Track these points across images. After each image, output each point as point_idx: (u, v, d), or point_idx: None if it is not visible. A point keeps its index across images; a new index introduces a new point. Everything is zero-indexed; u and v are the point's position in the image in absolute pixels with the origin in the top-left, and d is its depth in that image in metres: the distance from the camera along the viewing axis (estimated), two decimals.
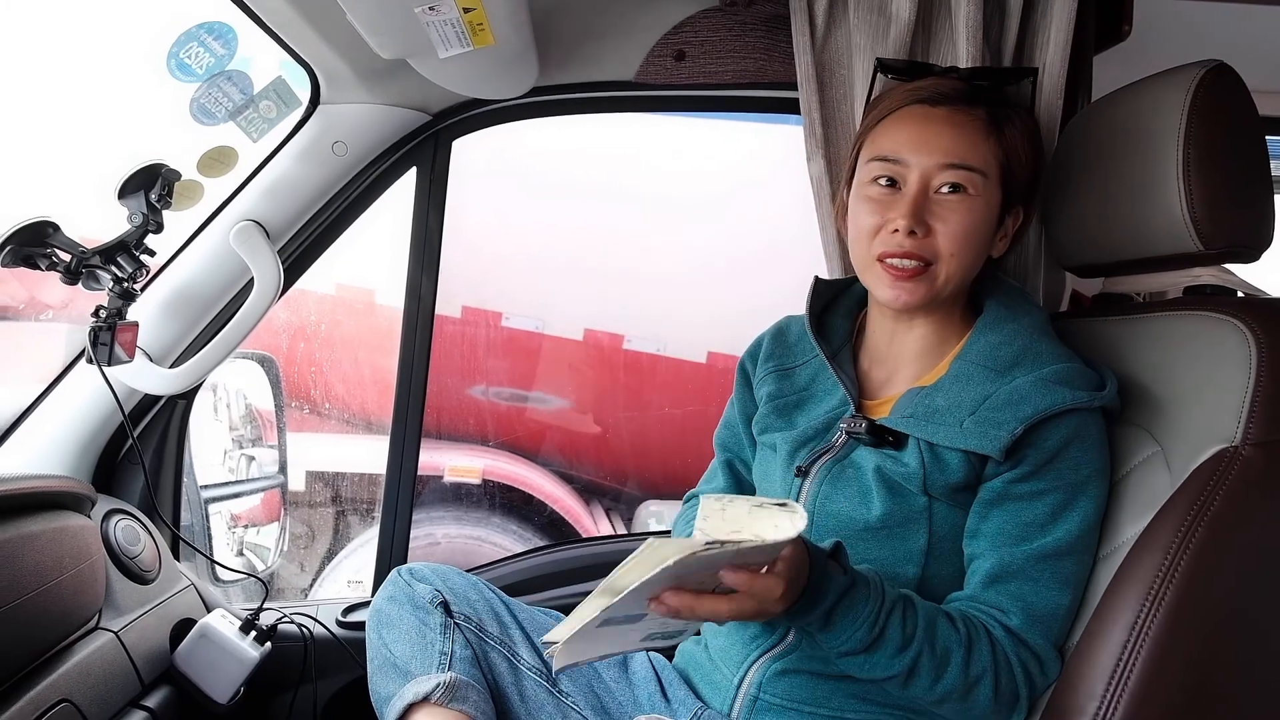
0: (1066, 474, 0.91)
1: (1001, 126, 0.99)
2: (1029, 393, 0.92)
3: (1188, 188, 0.92)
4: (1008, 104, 1.02)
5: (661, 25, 1.38)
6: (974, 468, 0.94)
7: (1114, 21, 1.33)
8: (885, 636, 0.87)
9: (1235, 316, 0.86)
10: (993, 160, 0.98)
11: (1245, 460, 0.79)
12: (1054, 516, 0.91)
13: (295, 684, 1.45)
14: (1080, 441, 0.91)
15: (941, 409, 0.95)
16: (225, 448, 2.03)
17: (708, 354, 2.92)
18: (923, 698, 0.90)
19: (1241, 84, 0.95)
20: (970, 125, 0.97)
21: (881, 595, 0.87)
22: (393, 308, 2.69)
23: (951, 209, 0.96)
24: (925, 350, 1.05)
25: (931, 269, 0.97)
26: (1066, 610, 0.91)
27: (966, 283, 1.01)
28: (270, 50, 1.27)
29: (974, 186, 0.96)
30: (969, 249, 0.97)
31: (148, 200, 1.25)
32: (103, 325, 1.25)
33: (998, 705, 0.89)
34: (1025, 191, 1.03)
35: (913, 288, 0.97)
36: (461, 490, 2.88)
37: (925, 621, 0.88)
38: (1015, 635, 0.90)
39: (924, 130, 0.97)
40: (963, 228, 0.95)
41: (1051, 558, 0.90)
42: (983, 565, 0.93)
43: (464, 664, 1.03)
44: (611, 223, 2.92)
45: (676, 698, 1.09)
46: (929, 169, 0.96)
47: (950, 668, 0.87)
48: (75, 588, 1.10)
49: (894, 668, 0.87)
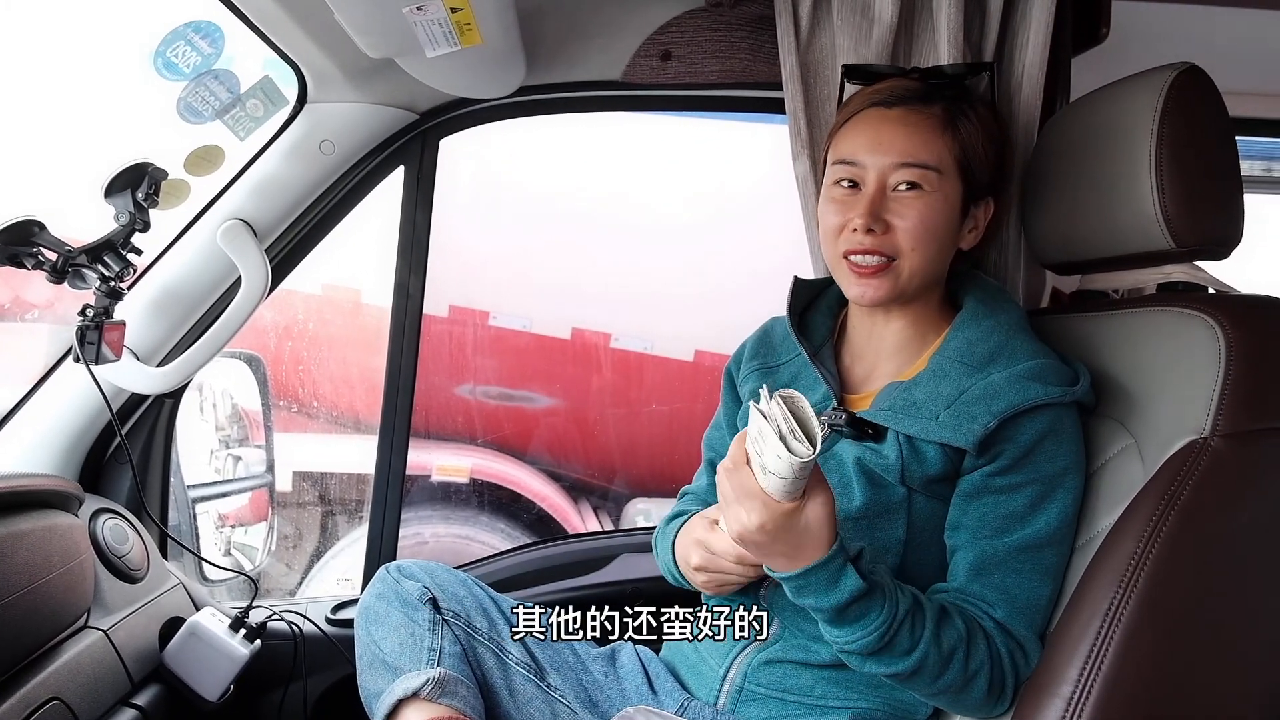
0: (1043, 467, 0.93)
1: (957, 122, 1.01)
2: (1003, 388, 0.94)
3: (1160, 187, 0.94)
4: (966, 100, 1.05)
5: (648, 25, 1.39)
6: (951, 461, 0.96)
7: (1092, 24, 1.35)
8: (895, 643, 0.87)
9: (1205, 312, 0.88)
10: (948, 155, 1.00)
11: (1214, 451, 0.81)
12: (1032, 509, 0.93)
13: (285, 681, 1.45)
14: (1055, 435, 0.93)
15: (919, 402, 0.97)
16: (212, 447, 2.03)
17: (695, 352, 2.93)
18: (920, 691, 0.92)
19: (1212, 85, 0.97)
20: (924, 124, 1.00)
21: (896, 603, 0.87)
22: (379, 307, 2.69)
23: (909, 205, 0.99)
24: (903, 345, 1.07)
25: (894, 265, 1.00)
26: (1048, 600, 0.93)
27: (934, 276, 1.04)
28: (257, 49, 1.27)
29: (929, 183, 0.99)
30: (929, 243, 0.99)
31: (134, 199, 1.25)
32: (89, 324, 1.24)
33: (989, 696, 0.91)
34: (991, 183, 1.05)
35: (877, 284, 1.00)
36: (449, 489, 2.88)
37: (933, 625, 0.88)
38: (1002, 627, 0.92)
39: (879, 132, 1.01)
40: (920, 223, 0.98)
41: (1031, 549, 0.92)
42: (965, 557, 0.95)
43: (453, 660, 1.04)
44: (599, 222, 2.92)
45: (663, 690, 1.11)
46: (884, 169, 0.99)
47: (953, 666, 0.88)
48: (64, 587, 1.10)
49: (897, 667, 0.88)
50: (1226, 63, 1.08)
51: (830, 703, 1.00)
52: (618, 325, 2.96)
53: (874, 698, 1.00)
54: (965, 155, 1.01)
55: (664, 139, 2.79)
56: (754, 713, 1.03)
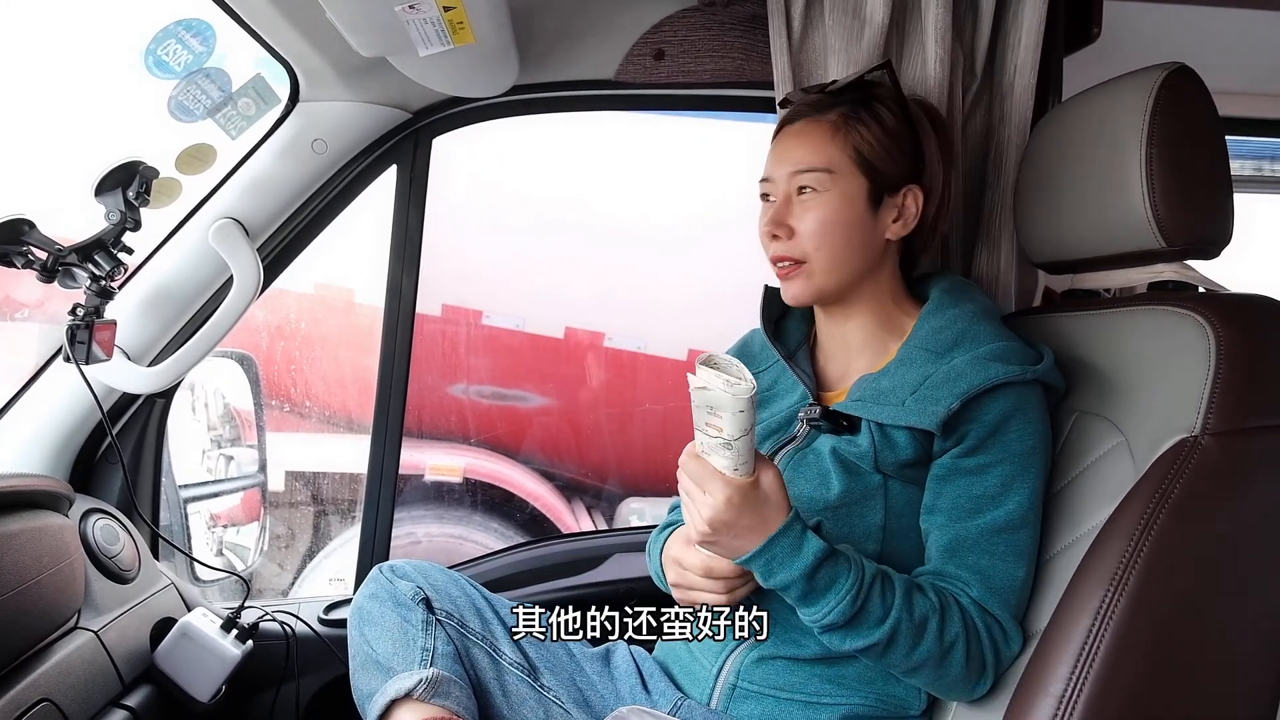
0: (1012, 445, 0.95)
1: (852, 124, 1.06)
2: (965, 369, 0.97)
3: (1151, 186, 0.95)
4: (869, 102, 1.08)
5: (641, 24, 1.39)
6: (921, 445, 0.98)
7: (1083, 24, 1.36)
8: (867, 609, 0.90)
9: (1196, 311, 0.89)
10: (840, 156, 1.05)
11: (1204, 450, 0.82)
12: (1004, 489, 0.95)
13: (277, 682, 1.45)
14: (1020, 414, 0.96)
15: (887, 390, 1.01)
16: (204, 447, 2.02)
17: (688, 351, 2.94)
18: (899, 665, 0.93)
19: (1203, 85, 0.97)
20: (816, 131, 1.07)
21: (862, 568, 0.91)
22: (373, 306, 2.68)
23: (806, 208, 1.05)
24: (868, 340, 1.10)
25: (805, 265, 1.06)
26: (1022, 582, 0.94)
27: (857, 269, 1.07)
28: (249, 47, 1.26)
29: (823, 184, 1.04)
30: (833, 240, 1.04)
31: (125, 198, 1.25)
32: (80, 323, 1.24)
33: (969, 672, 0.92)
34: (907, 173, 1.08)
35: (797, 284, 1.07)
36: (443, 489, 2.88)
37: (903, 591, 0.92)
38: (978, 604, 0.94)
39: (780, 148, 1.09)
40: (818, 223, 1.04)
41: (1005, 531, 0.94)
42: (939, 539, 0.97)
43: (446, 660, 1.04)
44: (592, 221, 2.92)
45: (657, 689, 1.11)
46: (783, 179, 1.07)
47: (927, 635, 0.91)
48: (54, 587, 1.09)
49: (873, 637, 0.90)
50: (1217, 63, 1.08)
51: (823, 699, 1.01)
52: (611, 325, 2.96)
53: (866, 693, 1.01)
54: (861, 152, 1.05)
55: (658, 138, 2.80)
56: (747, 710, 1.03)
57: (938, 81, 1.27)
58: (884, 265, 1.09)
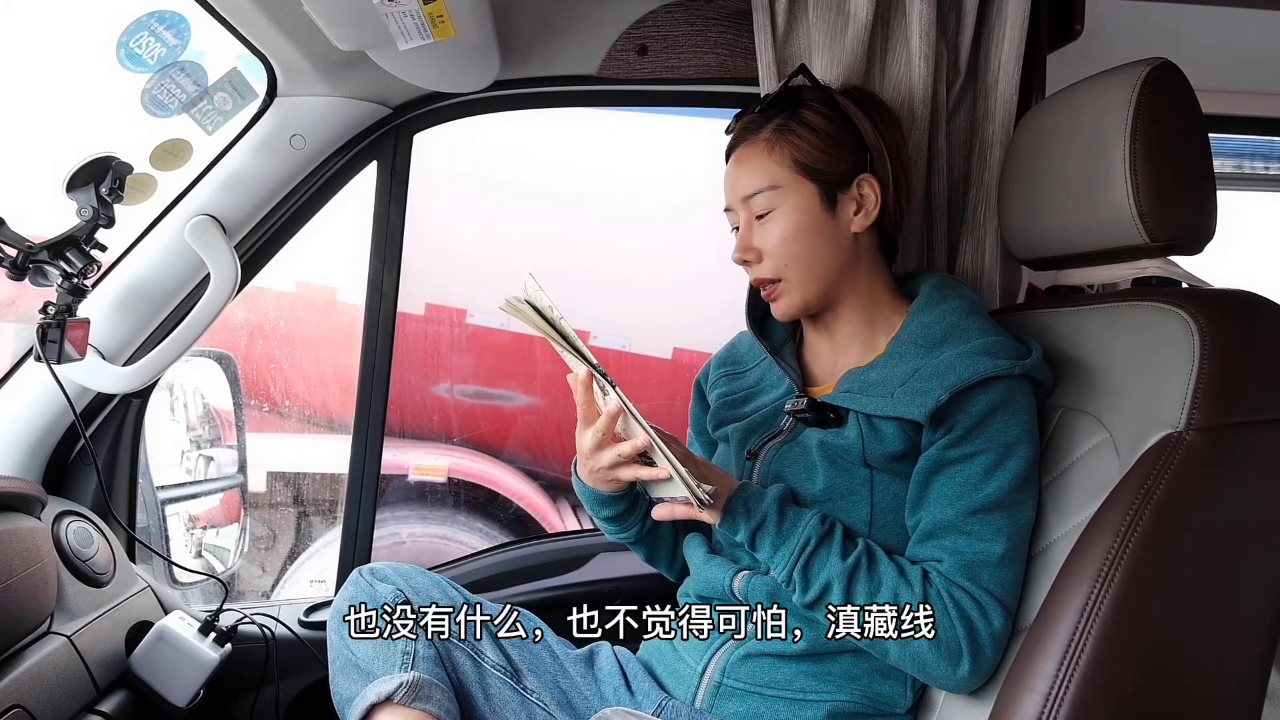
0: (997, 435, 0.95)
1: (784, 135, 1.07)
2: (954, 363, 0.97)
3: (1134, 182, 0.95)
4: (796, 109, 1.08)
5: (624, 19, 1.38)
6: (909, 437, 0.98)
7: (1066, 20, 1.36)
8: (833, 535, 0.97)
9: (1179, 307, 0.89)
10: (780, 169, 1.07)
11: (1189, 445, 0.82)
12: (986, 475, 0.95)
13: (256, 686, 1.43)
14: (1007, 406, 0.96)
15: (875, 383, 1.01)
16: (183, 448, 1.99)
17: (673, 350, 2.93)
18: (860, 604, 0.93)
19: (1185, 82, 0.98)
20: (753, 153, 1.08)
21: (822, 514, 0.99)
22: (356, 306, 2.66)
23: (765, 229, 1.07)
24: (854, 335, 1.11)
25: (782, 283, 1.08)
26: (999, 558, 0.93)
27: (833, 270, 1.08)
28: (225, 41, 1.24)
29: (773, 201, 1.07)
30: (798, 250, 1.06)
31: (98, 193, 1.22)
32: (52, 322, 1.21)
33: (937, 646, 0.91)
34: (855, 165, 1.08)
35: (782, 302, 1.09)
36: (427, 489, 2.86)
37: (864, 541, 0.98)
38: (946, 577, 0.93)
39: (730, 178, 1.12)
40: (779, 239, 1.06)
41: (981, 512, 0.94)
42: (921, 526, 0.98)
43: (427, 663, 1.02)
44: (576, 220, 2.91)
45: (641, 690, 1.10)
46: (739, 206, 1.10)
47: (885, 582, 0.94)
48: (25, 591, 1.07)
49: (840, 568, 0.94)
50: (1199, 60, 1.09)
51: (809, 696, 1.01)
52: (596, 323, 2.95)
53: (852, 690, 1.01)
54: (800, 160, 1.06)
55: (642, 135, 2.79)
56: (733, 708, 1.03)
57: (921, 78, 1.27)
58: (860, 260, 1.10)
